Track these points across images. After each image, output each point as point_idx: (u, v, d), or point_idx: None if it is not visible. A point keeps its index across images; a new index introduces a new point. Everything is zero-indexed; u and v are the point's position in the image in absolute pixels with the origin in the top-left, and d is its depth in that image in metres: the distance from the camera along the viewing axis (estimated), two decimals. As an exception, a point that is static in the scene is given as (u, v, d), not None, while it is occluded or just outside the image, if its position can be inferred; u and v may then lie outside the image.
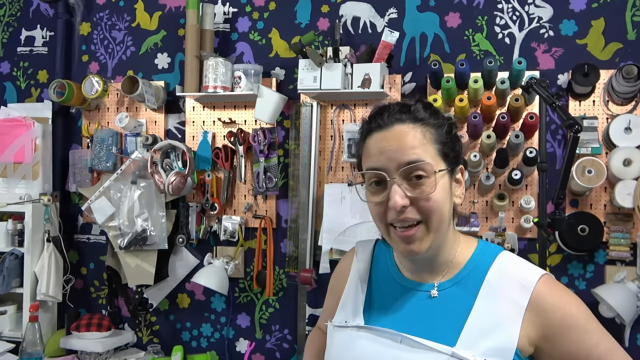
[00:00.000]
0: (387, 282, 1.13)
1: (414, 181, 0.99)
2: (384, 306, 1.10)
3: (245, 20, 2.59)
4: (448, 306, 1.04)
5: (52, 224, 2.63)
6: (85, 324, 2.50)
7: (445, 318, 1.03)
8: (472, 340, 0.98)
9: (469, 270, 1.07)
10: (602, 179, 2.10)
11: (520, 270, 1.04)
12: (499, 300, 1.01)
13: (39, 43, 2.88)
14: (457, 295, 1.05)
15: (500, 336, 0.98)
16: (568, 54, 2.24)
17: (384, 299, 1.12)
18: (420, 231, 1.00)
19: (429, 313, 1.05)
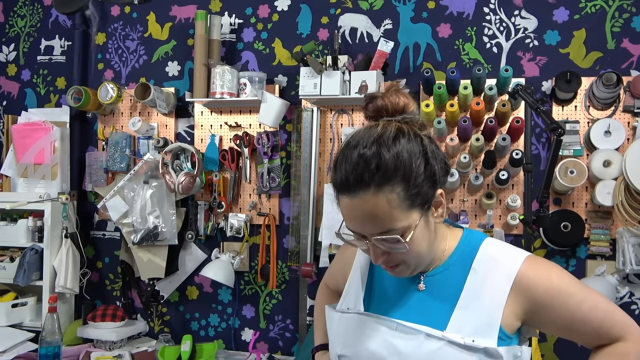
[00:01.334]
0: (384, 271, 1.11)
1: (389, 240, 0.95)
2: (382, 295, 1.13)
3: (250, 30, 2.59)
4: (436, 294, 1.06)
5: (70, 221, 2.64)
6: (101, 315, 2.51)
7: (434, 305, 1.05)
8: (461, 324, 1.00)
9: (456, 258, 1.08)
10: (584, 179, 2.10)
11: (504, 256, 1.04)
12: (484, 286, 1.02)
13: (58, 52, 2.88)
14: (445, 283, 1.06)
15: (485, 318, 1.00)
16: (552, 62, 2.24)
17: (382, 288, 1.14)
18: (403, 267, 1.02)
19: (420, 301, 1.07)
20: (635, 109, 2.12)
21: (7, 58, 2.94)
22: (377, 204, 0.91)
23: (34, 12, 2.91)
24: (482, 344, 0.97)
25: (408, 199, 0.93)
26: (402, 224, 0.94)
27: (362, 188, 0.91)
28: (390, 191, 0.91)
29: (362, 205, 0.92)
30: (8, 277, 2.54)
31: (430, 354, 0.98)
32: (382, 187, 0.91)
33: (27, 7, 2.92)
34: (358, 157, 0.92)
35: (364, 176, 0.91)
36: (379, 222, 0.93)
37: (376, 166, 0.91)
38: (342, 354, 1.09)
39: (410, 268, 1.03)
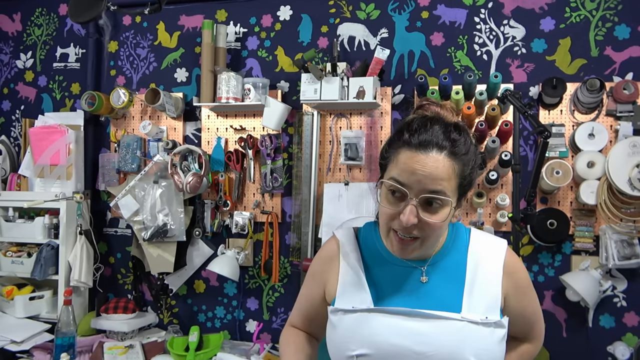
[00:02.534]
0: (382, 264, 1.10)
1: (428, 207, 0.97)
2: (387, 287, 1.07)
3: (254, 39, 2.59)
4: (440, 280, 1.07)
5: (84, 219, 2.64)
6: (113, 307, 2.51)
7: (442, 291, 1.05)
8: (472, 305, 1.03)
9: (450, 246, 1.10)
10: (569, 179, 2.11)
11: (491, 244, 1.12)
12: (482, 269, 1.07)
13: (72, 59, 2.88)
14: (446, 268, 1.08)
15: (490, 297, 1.05)
16: (539, 69, 2.24)
17: (384, 280, 1.09)
18: (416, 244, 1.01)
19: (427, 290, 1.07)
20: (618, 113, 2.12)
21: (25, 65, 2.94)
22: (444, 165, 0.96)
23: (50, 21, 2.91)
24: (493, 319, 1.02)
25: (461, 177, 0.99)
26: (449, 194, 0.97)
27: (437, 149, 0.96)
28: (455, 162, 0.98)
29: (430, 162, 0.95)
30: (26, 271, 2.55)
31: (454, 334, 0.99)
32: (452, 157, 0.97)
33: (43, 16, 2.92)
34: (438, 128, 0.98)
35: (444, 142, 0.97)
36: (436, 181, 0.95)
37: (453, 140, 0.98)
38: (361, 353, 1.00)
39: (421, 248, 1.02)
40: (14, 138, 2.93)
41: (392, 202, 0.98)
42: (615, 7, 2.17)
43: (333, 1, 2.48)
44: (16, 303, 2.50)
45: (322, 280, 1.17)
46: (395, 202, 0.98)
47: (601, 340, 2.17)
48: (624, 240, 2.09)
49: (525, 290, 1.13)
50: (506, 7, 2.28)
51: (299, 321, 1.26)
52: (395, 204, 0.98)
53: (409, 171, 0.96)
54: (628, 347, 2.12)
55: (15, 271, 2.58)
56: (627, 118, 2.11)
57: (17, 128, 2.94)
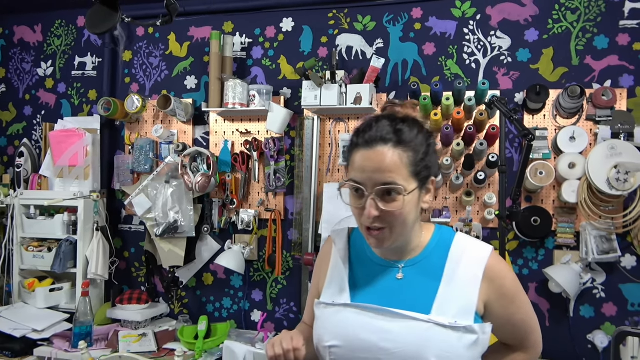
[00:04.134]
0: (365, 263, 1.10)
1: (387, 197, 0.97)
2: (365, 285, 1.07)
3: (259, 49, 2.59)
4: (417, 281, 1.04)
5: (100, 216, 2.63)
6: (128, 298, 2.51)
7: (415, 291, 1.02)
8: (443, 308, 0.99)
9: (431, 250, 1.06)
10: (551, 179, 2.11)
11: (473, 247, 1.05)
12: (460, 273, 1.02)
13: (90, 68, 2.88)
14: (425, 270, 1.04)
15: (464, 301, 1.00)
16: (523, 76, 2.24)
17: (364, 278, 1.08)
18: (385, 233, 1.00)
19: (401, 288, 1.04)
20: (597, 117, 2.12)
21: (45, 73, 2.94)
22: (391, 157, 0.96)
23: (68, 32, 2.91)
24: (463, 323, 0.97)
25: (413, 165, 0.98)
26: (403, 183, 0.96)
27: (382, 143, 0.97)
28: (402, 152, 0.97)
29: (378, 156, 0.96)
30: (46, 265, 2.55)
31: (419, 335, 0.96)
32: (397, 147, 0.97)
33: (62, 28, 2.92)
34: (384, 123, 0.99)
35: (387, 135, 0.97)
36: (387, 172, 0.95)
37: (397, 131, 0.98)
38: (333, 344, 1.02)
39: (392, 237, 1.00)
40: (35, 141, 2.93)
41: (356, 198, 1.00)
42: (594, 19, 2.17)
43: (332, 13, 2.48)
44: (37, 294, 2.50)
45: (319, 277, 1.18)
46: (358, 198, 0.99)
47: (581, 329, 2.17)
48: (602, 236, 2.09)
49: (512, 298, 1.04)
50: (493, 19, 2.28)
51: (308, 318, 1.26)
52: (359, 199, 0.99)
53: (361, 169, 0.98)
54: (606, 336, 2.12)
55: (36, 265, 2.58)
56: (605, 122, 2.11)
57: (38, 132, 2.94)
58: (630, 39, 2.14)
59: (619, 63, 2.14)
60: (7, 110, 2.99)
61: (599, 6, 2.17)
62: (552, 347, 2.17)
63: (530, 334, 1.11)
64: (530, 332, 1.11)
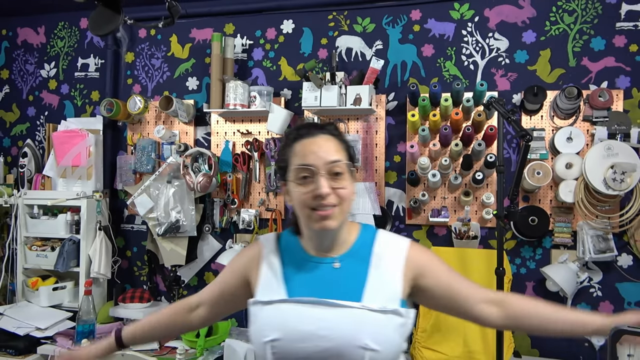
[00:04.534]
0: (298, 262, 1.15)
1: (335, 177, 1.07)
2: (299, 281, 1.12)
3: (259, 50, 2.59)
4: (348, 273, 1.11)
5: (103, 216, 2.64)
6: (130, 297, 2.51)
7: (347, 282, 1.09)
8: (373, 295, 1.07)
9: (359, 245, 1.15)
10: (549, 179, 2.11)
11: (395, 241, 1.16)
12: (385, 264, 1.11)
13: (92, 69, 2.88)
14: (354, 264, 1.12)
15: (390, 288, 1.09)
16: (521, 77, 2.24)
17: (298, 275, 1.13)
18: (336, 211, 1.07)
19: (335, 280, 1.10)
20: (594, 118, 2.12)
21: (49, 74, 2.94)
22: (331, 141, 1.10)
23: (71, 34, 2.91)
24: (390, 307, 1.06)
25: (346, 151, 1.12)
26: (344, 161, 1.09)
27: (322, 132, 1.12)
28: (337, 139, 1.12)
29: (324, 141, 1.10)
30: (49, 264, 2.55)
31: (354, 320, 1.03)
32: (332, 135, 1.12)
33: (65, 30, 2.92)
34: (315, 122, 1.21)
35: (323, 128, 1.13)
36: (332, 152, 1.08)
37: (330, 125, 1.16)
38: (273, 338, 1.04)
39: (340, 215, 1.08)
40: (38, 141, 2.93)
41: (304, 184, 1.07)
42: (591, 21, 2.18)
43: (332, 15, 2.48)
44: (40, 293, 2.50)
45: (242, 275, 1.20)
46: (307, 184, 1.07)
47: (578, 327, 2.17)
48: (599, 236, 2.09)
49: (432, 265, 1.14)
50: (491, 21, 2.29)
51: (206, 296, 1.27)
52: (307, 185, 1.06)
53: (309, 152, 1.08)
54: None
55: (39, 264, 2.58)
56: (602, 123, 2.11)
57: (41, 132, 2.94)
58: (627, 41, 2.14)
59: (616, 64, 2.14)
60: (11, 111, 3.00)
61: (596, 8, 2.17)
62: (549, 345, 2.17)
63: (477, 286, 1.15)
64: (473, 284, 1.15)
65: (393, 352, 1.03)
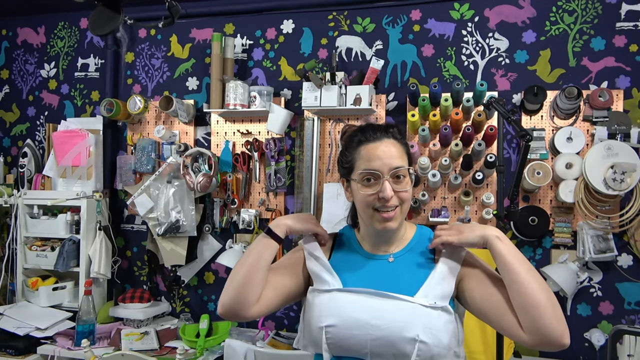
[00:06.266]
0: (354, 256, 1.22)
1: (397, 181, 1.14)
2: (355, 273, 1.18)
3: (259, 50, 2.59)
4: (402, 269, 1.17)
5: (103, 216, 2.63)
6: (130, 297, 2.50)
7: (401, 277, 1.15)
8: (426, 293, 1.12)
9: (414, 243, 1.22)
10: (549, 179, 2.10)
11: None
12: (441, 265, 1.16)
13: (92, 69, 2.88)
14: (408, 261, 1.19)
15: (443, 289, 1.13)
16: (521, 77, 2.24)
17: (354, 268, 1.20)
18: (397, 212, 1.15)
19: (389, 274, 1.17)
20: (594, 118, 2.12)
21: (49, 74, 2.94)
22: (395, 146, 1.16)
23: (71, 34, 2.91)
24: (440, 304, 1.10)
25: (407, 154, 1.19)
26: (407, 166, 1.16)
27: (387, 136, 1.17)
28: (400, 143, 1.18)
29: (388, 146, 1.15)
30: (49, 264, 2.54)
31: (406, 312, 1.09)
32: (396, 139, 1.18)
33: (65, 30, 2.92)
34: (380, 124, 1.21)
35: (388, 132, 1.18)
36: (396, 158, 1.14)
37: (393, 130, 1.19)
38: (329, 324, 1.11)
39: (400, 216, 1.15)
40: (38, 141, 2.93)
41: (369, 186, 1.14)
42: (591, 21, 2.17)
43: (332, 15, 2.48)
44: (40, 293, 2.50)
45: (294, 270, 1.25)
46: (371, 187, 1.14)
47: (579, 327, 2.17)
48: (599, 236, 2.09)
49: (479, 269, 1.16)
50: (491, 21, 2.28)
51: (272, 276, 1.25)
52: (372, 187, 1.13)
53: (375, 157, 1.14)
54: (603, 334, 2.12)
55: (39, 264, 2.58)
56: (602, 123, 2.11)
57: (41, 132, 2.93)
58: (627, 41, 2.13)
59: (616, 64, 2.14)
60: (11, 111, 2.99)
61: (596, 8, 2.17)
62: (550, 345, 2.17)
63: None
64: None
65: (441, 346, 1.07)
